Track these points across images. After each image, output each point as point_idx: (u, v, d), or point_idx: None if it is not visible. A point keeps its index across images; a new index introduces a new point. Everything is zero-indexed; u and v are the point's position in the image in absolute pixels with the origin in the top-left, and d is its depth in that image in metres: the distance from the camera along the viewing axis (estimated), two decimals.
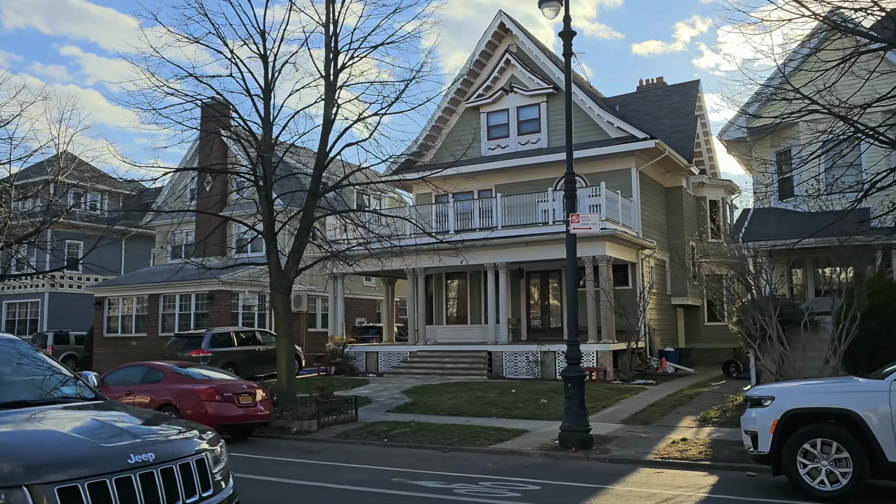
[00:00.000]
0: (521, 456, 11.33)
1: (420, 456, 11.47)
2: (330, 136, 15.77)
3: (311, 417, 14.13)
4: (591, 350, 21.76)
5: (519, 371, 22.65)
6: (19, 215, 21.52)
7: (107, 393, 13.76)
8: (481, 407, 16.29)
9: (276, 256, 15.36)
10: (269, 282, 15.49)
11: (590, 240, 22.02)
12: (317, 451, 12.13)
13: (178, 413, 12.60)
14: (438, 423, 14.28)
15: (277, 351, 15.19)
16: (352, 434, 13.60)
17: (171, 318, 29.66)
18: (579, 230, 11.75)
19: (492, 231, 22.94)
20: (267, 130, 15.51)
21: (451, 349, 24.25)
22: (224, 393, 12.77)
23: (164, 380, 13.24)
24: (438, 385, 20.28)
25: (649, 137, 24.22)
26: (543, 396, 17.33)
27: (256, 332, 25.16)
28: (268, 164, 15.41)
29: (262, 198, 15.43)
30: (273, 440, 13.63)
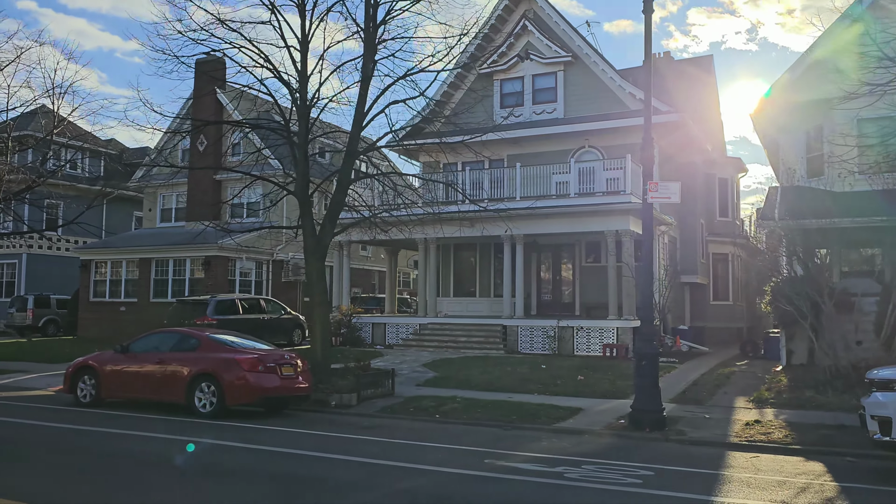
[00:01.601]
0: (592, 435, 10.72)
1: (488, 435, 10.78)
2: (369, 93, 14.82)
3: (351, 391, 13.35)
4: (612, 326, 21.28)
5: (535, 346, 22.08)
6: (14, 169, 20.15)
7: (133, 361, 12.85)
8: (517, 382, 15.67)
9: (311, 220, 14.42)
10: (304, 247, 14.56)
11: (614, 213, 21.48)
12: (370, 428, 11.36)
13: (217, 383, 11.73)
14: (484, 399, 13.62)
15: (311, 320, 14.33)
16: (397, 409, 12.86)
17: (163, 283, 28.45)
18: (657, 199, 11.07)
19: (508, 202, 22.15)
20: (303, 84, 14.47)
21: (463, 322, 23.57)
22: (266, 363, 11.91)
23: (201, 348, 12.30)
24: (459, 359, 19.63)
25: (672, 110, 23.60)
26: (576, 373, 16.77)
27: (261, 300, 24.18)
28: (304, 119, 14.41)
29: (298, 156, 14.42)
30: (312, 414, 12.81)
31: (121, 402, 13.15)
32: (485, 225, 21.43)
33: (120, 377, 12.76)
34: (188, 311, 21.93)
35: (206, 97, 31.32)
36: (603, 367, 17.63)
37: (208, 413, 11.74)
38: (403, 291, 38.13)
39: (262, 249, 28.94)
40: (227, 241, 27.24)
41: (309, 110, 14.41)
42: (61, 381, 16.95)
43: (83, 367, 13.18)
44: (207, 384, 11.79)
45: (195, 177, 31.20)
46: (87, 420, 11.54)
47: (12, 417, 11.79)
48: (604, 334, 21.41)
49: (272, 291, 29.23)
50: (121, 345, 13.15)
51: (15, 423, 11.25)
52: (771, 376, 16.62)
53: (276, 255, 29.63)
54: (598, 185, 22.99)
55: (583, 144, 25.65)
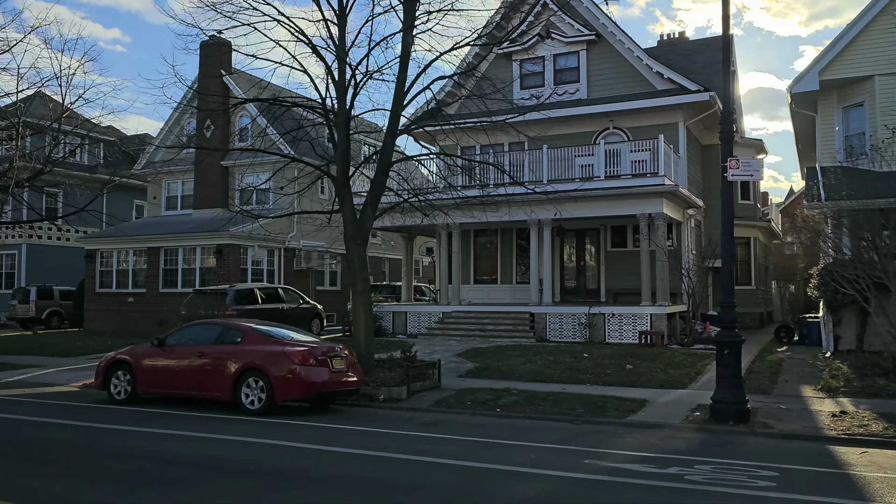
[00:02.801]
0: (673, 430, 10.07)
1: (562, 430, 10.11)
2: (409, 69, 14.01)
3: (400, 384, 12.63)
4: (646, 313, 20.64)
5: (564, 334, 21.42)
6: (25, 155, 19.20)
7: (172, 355, 12.06)
8: (564, 372, 15.01)
9: (352, 203, 13.62)
10: (344, 233, 13.77)
11: (647, 196, 20.80)
12: (432, 424, 10.66)
13: (265, 377, 10.98)
14: (538, 390, 12.95)
15: (354, 309, 13.56)
16: (452, 403, 12.16)
17: (172, 273, 27.56)
18: (739, 176, 10.36)
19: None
20: (341, 60, 13.63)
21: (489, 310, 22.86)
22: (317, 356, 11.15)
23: (246, 340, 11.52)
24: (491, 348, 18.96)
25: (703, 89, 22.89)
26: (621, 361, 16.15)
27: (278, 289, 23.40)
28: (342, 97, 13.58)
29: (338, 136, 13.58)
30: (362, 409, 12.10)
31: (157, 398, 12.38)
32: (510, 209, 20.73)
33: (158, 372, 11.98)
34: (206, 301, 21.13)
35: (213, 81, 30.39)
36: (646, 355, 17.00)
37: (256, 410, 11.00)
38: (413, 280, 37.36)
39: (274, 237, 28.07)
40: (239, 228, 26.42)
41: (348, 87, 13.58)
42: (81, 376, 16.30)
43: (117, 362, 12.38)
44: (255, 379, 11.04)
45: (202, 164, 30.23)
46: (130, 419, 10.76)
47: (50, 417, 11.00)
48: (637, 321, 20.77)
49: (284, 280, 28.42)
50: (157, 338, 12.35)
51: (56, 425, 10.46)
52: (824, 363, 16.05)
53: (289, 243, 28.80)
54: (624, 167, 22.30)
55: (607, 126, 24.90)
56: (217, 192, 30.09)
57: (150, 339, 24.15)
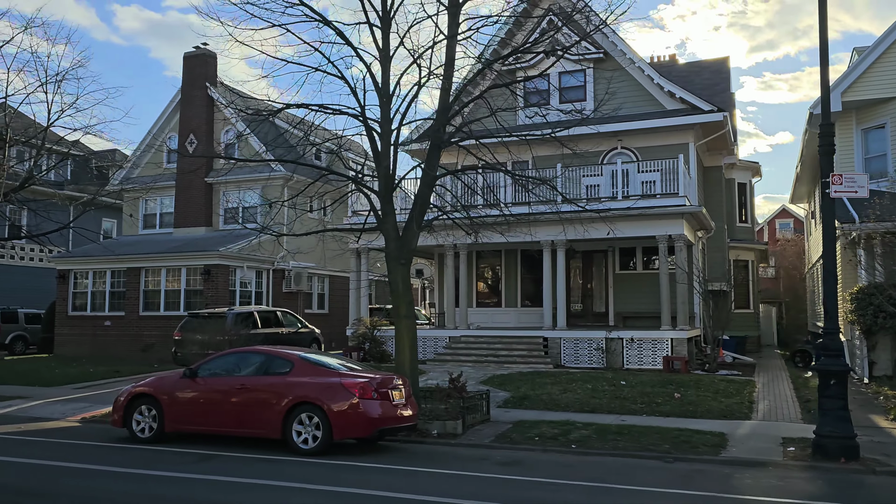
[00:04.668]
0: (781, 468, 9.21)
1: (662, 470, 9.17)
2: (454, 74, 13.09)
3: (454, 417, 11.53)
4: (666, 337, 19.95)
5: (580, 359, 20.58)
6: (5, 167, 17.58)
7: (206, 387, 10.73)
8: (613, 402, 14.10)
9: (394, 220, 12.54)
10: (386, 252, 12.66)
11: (667, 217, 20.18)
12: (512, 464, 9.58)
13: (321, 413, 9.76)
14: (601, 423, 12.01)
15: (398, 335, 12.41)
16: (516, 438, 11.10)
17: (155, 294, 25.87)
18: (842, 193, 9.67)
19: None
20: (385, 64, 12.62)
21: (500, 334, 21.88)
22: (378, 388, 10.00)
23: (295, 370, 10.28)
24: (515, 375, 17.99)
25: (716, 109, 22.52)
26: (661, 389, 15.32)
27: (277, 312, 22.03)
28: (386, 104, 12.55)
29: (381, 147, 12.52)
30: (418, 446, 10.95)
31: (184, 436, 11.00)
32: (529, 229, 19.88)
33: (189, 407, 10.63)
34: (204, 325, 19.62)
35: (197, 94, 29.01)
36: (684, 382, 16.22)
37: (311, 449, 9.77)
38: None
39: (262, 258, 26.69)
40: (228, 248, 25.02)
41: (393, 94, 12.57)
42: (76, 409, 14.72)
43: (140, 396, 10.98)
44: (309, 415, 9.81)
45: (184, 181, 28.71)
46: (168, 463, 9.42)
47: (75, 461, 9.55)
48: (657, 346, 20.06)
49: (272, 302, 26.98)
50: (189, 368, 10.99)
51: (87, 471, 9.04)
52: (870, 390, 15.51)
53: (277, 264, 27.40)
54: (633, 187, 21.76)
55: (615, 146, 24.35)
56: (200, 210, 28.55)
57: (129, 365, 22.80)
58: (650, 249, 23.98)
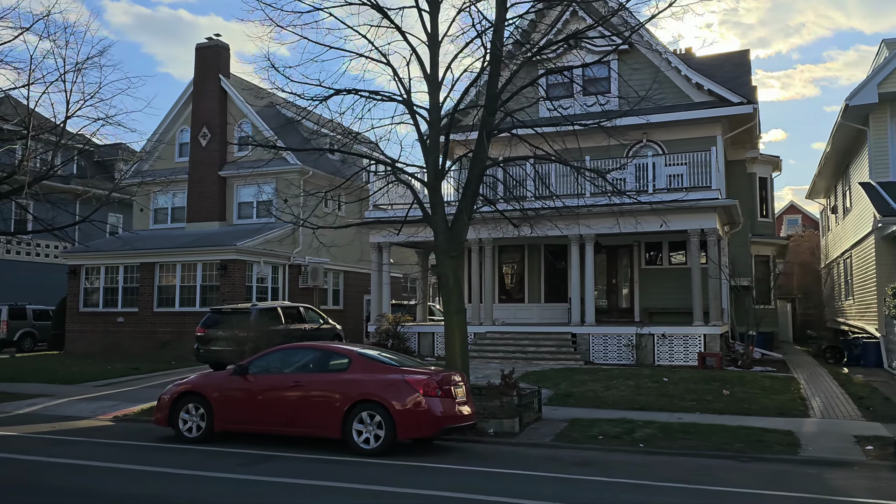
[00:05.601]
0: (869, 469, 8.83)
1: (746, 472, 8.77)
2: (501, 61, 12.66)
3: (511, 415, 11.11)
4: (699, 333, 19.58)
5: (609, 355, 20.21)
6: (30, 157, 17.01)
7: (258, 385, 10.23)
8: (661, 399, 13.72)
9: (443, 211, 12.10)
10: (435, 244, 12.23)
11: (699, 211, 19.81)
12: (584, 465, 9.17)
13: (384, 411, 9.31)
14: (661, 421, 11.64)
15: (448, 330, 11.98)
16: (578, 437, 10.69)
17: (169, 290, 25.34)
18: None
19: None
20: (434, 51, 12.17)
21: (527, 331, 21.47)
22: (442, 385, 9.56)
23: (353, 367, 9.82)
24: (549, 372, 17.62)
25: (746, 101, 22.14)
26: (707, 386, 14.97)
27: (300, 308, 21.51)
28: (435, 91, 12.10)
29: (430, 137, 12.07)
30: (475, 445, 10.52)
31: (233, 435, 10.52)
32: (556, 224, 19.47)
33: (240, 405, 10.16)
34: (227, 321, 19.10)
35: (210, 85, 28.48)
36: (727, 379, 15.87)
37: (372, 450, 9.32)
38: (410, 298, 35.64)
39: (279, 253, 26.19)
40: (245, 243, 24.52)
41: (442, 81, 12.12)
42: (103, 407, 14.23)
43: (187, 394, 10.50)
44: (370, 413, 9.36)
45: (197, 174, 28.19)
46: (224, 464, 8.96)
47: (121, 462, 9.07)
48: (688, 342, 19.69)
49: (288, 298, 26.49)
50: (238, 365, 10.52)
51: (141, 473, 8.55)
52: None
53: (293, 260, 26.91)
54: (660, 181, 21.36)
55: (640, 139, 23.93)
56: (214, 204, 28.01)
57: (144, 361, 22.25)
58: (677, 244, 23.62)
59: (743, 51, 29.55)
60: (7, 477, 8.22)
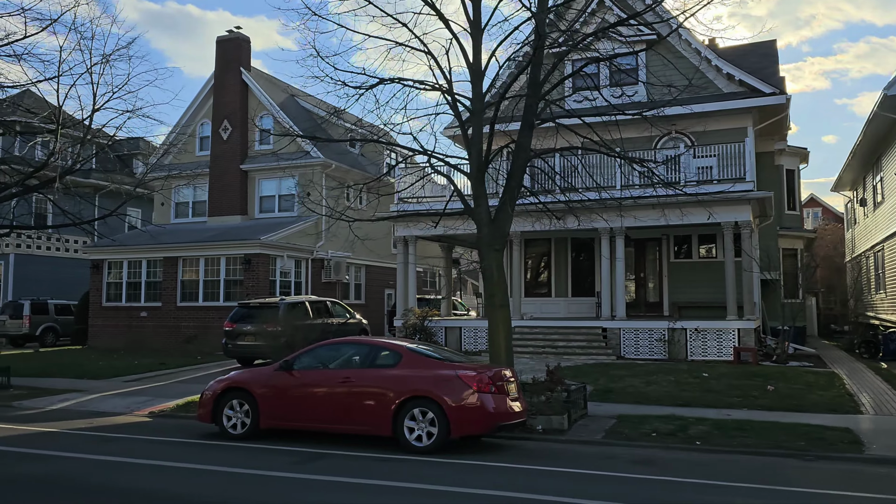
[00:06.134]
0: None
1: (819, 471, 8.51)
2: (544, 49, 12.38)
3: (559, 412, 10.86)
4: (733, 327, 19.28)
5: (641, 350, 19.93)
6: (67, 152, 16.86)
7: (304, 381, 10.00)
8: (705, 395, 13.44)
9: (486, 203, 11.85)
10: (478, 237, 11.97)
11: (734, 203, 19.45)
12: (643, 463, 8.91)
13: (437, 408, 9.08)
14: (713, 418, 11.34)
15: (493, 325, 11.74)
16: (630, 434, 10.43)
17: (192, 284, 25.19)
18: None
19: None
20: (477, 38, 11.91)
21: (557, 325, 21.22)
22: (496, 381, 9.32)
23: (404, 362, 9.58)
24: (584, 367, 17.39)
25: (778, 92, 21.76)
26: (749, 381, 14.67)
27: (327, 303, 21.34)
28: (478, 80, 11.84)
29: (473, 127, 11.81)
30: (524, 442, 10.27)
31: (278, 432, 10.30)
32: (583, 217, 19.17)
33: (286, 401, 9.95)
34: (255, 315, 18.94)
35: (230, 78, 28.28)
36: (766, 374, 15.59)
37: (424, 447, 9.09)
38: (430, 292, 35.44)
39: (302, 247, 26.01)
40: (269, 237, 24.33)
41: (485, 71, 11.86)
42: (137, 403, 14.06)
43: (231, 389, 10.30)
44: (422, 410, 9.13)
45: (219, 168, 28.01)
46: (274, 462, 8.74)
47: (173, 461, 8.85)
48: (722, 336, 19.39)
49: (311, 292, 26.30)
50: (284, 360, 10.31)
51: (194, 472, 8.35)
52: None
53: (316, 254, 26.71)
54: (689, 173, 21.01)
55: (669, 130, 23.53)
56: (235, 198, 27.84)
57: (167, 356, 22.08)
58: (706, 237, 23.30)
59: (770, 40, 29.04)
60: (67, 477, 8.03)
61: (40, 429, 11.31)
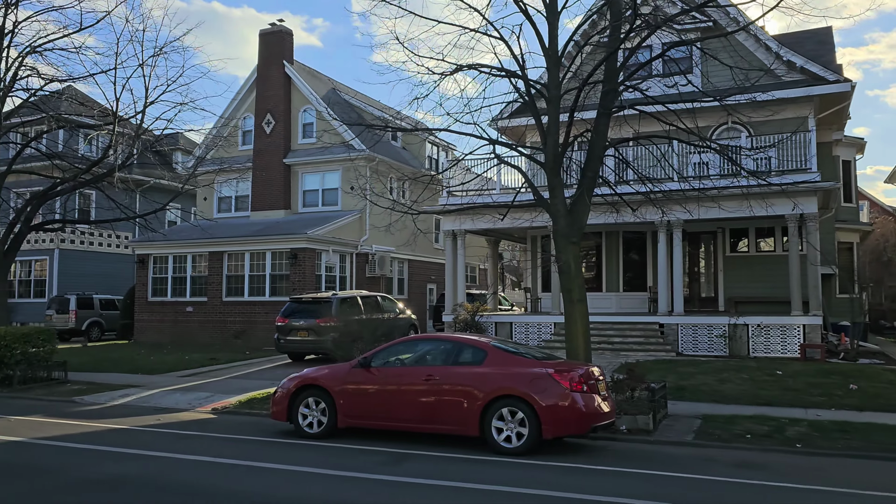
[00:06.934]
0: None
1: None
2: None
3: (644, 412, 10.41)
4: (797, 323, 18.64)
5: (699, 346, 19.36)
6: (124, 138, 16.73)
7: (384, 378, 9.57)
8: (786, 394, 12.89)
9: (563, 194, 11.41)
10: (554, 230, 11.56)
11: (799, 195, 18.74)
12: (746, 467, 8.43)
13: (528, 408, 8.67)
14: (806, 418, 10.89)
15: (570, 320, 11.32)
16: (722, 436, 9.95)
17: (238, 279, 25.04)
18: None
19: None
20: (553, 23, 11.46)
21: (612, 321, 20.71)
22: (588, 380, 8.90)
23: (489, 360, 9.19)
24: (649, 363, 16.78)
25: (842, 79, 20.99)
26: (826, 380, 14.06)
27: (377, 297, 21.01)
28: (555, 66, 11.39)
29: (549, 115, 11.38)
30: (610, 443, 9.84)
31: (354, 431, 9.97)
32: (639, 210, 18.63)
33: (366, 400, 9.62)
34: (307, 311, 18.69)
35: (274, 71, 28.08)
36: (843, 371, 14.98)
37: (514, 449, 8.70)
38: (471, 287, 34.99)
39: (346, 241, 25.75)
40: (315, 231, 24.09)
41: (561, 56, 11.41)
42: (197, 399, 13.85)
43: (305, 387, 9.98)
44: (511, 410, 8.73)
45: (262, 162, 27.83)
46: (360, 463, 8.40)
47: (259, 460, 8.53)
48: (786, 333, 18.74)
49: (355, 287, 26.05)
50: (363, 357, 9.98)
51: (287, 473, 8.01)
52: None
53: (360, 248, 26.44)
54: (746, 164, 20.30)
55: (725, 121, 22.84)
56: (279, 192, 27.66)
57: (214, 351, 21.94)
58: (763, 230, 22.61)
59: (826, 27, 28.12)
60: (158, 478, 7.75)
61: (110, 425, 11.11)
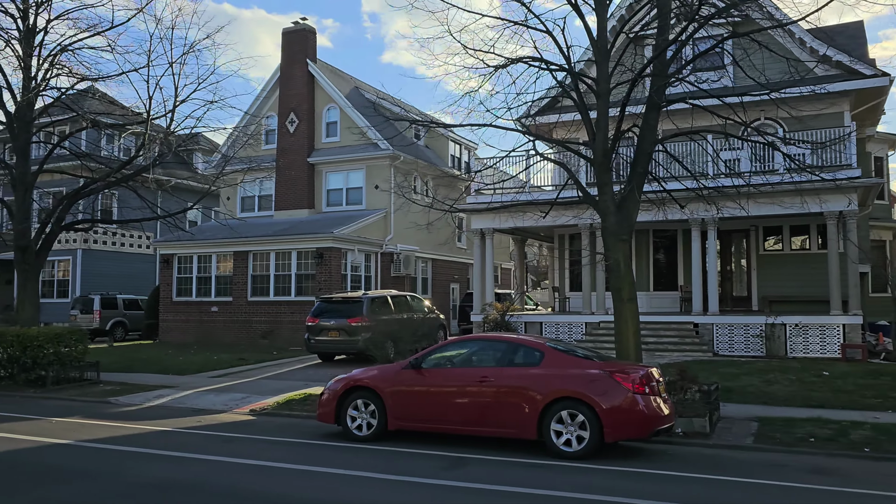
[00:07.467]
0: None
1: None
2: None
3: (700, 414, 10.10)
4: (837, 323, 18.28)
5: (735, 347, 19.02)
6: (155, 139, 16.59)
7: (437, 380, 9.27)
8: (837, 395, 12.57)
9: (612, 191, 11.12)
10: (602, 228, 11.27)
11: (839, 191, 18.35)
12: (821, 473, 8.12)
13: (589, 410, 8.38)
14: (870, 422, 10.53)
15: (620, 320, 11.02)
16: (783, 439, 9.63)
17: (263, 279, 24.86)
18: None
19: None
20: (602, 14, 11.17)
21: (644, 320, 20.00)
22: (648, 382, 8.60)
23: (546, 361, 8.90)
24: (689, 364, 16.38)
25: (881, 73, 20.56)
26: (875, 381, 13.75)
27: (407, 297, 20.79)
28: (603, 60, 11.11)
29: (599, 108, 11.10)
30: (670, 447, 9.53)
31: (404, 434, 9.71)
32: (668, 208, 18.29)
33: (416, 401, 9.36)
34: (338, 310, 18.48)
35: (297, 70, 27.90)
36: (891, 372, 14.59)
37: (574, 452, 8.41)
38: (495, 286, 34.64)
39: (371, 241, 25.53)
40: (341, 230, 23.88)
41: (611, 49, 11.13)
42: (231, 400, 13.64)
43: (354, 389, 9.74)
44: (571, 412, 8.45)
45: (286, 161, 27.65)
46: (415, 467, 8.15)
47: (312, 465, 8.26)
48: (825, 332, 18.37)
49: (381, 286, 25.84)
50: (414, 358, 9.72)
51: (345, 478, 7.76)
52: None
53: (385, 247, 26.22)
54: (779, 161, 19.97)
55: (757, 117, 22.46)
56: (302, 191, 27.48)
57: (240, 351, 21.79)
58: (798, 228, 22.21)
59: (857, 21, 27.65)
60: (212, 483, 7.54)
61: (151, 427, 10.92)
